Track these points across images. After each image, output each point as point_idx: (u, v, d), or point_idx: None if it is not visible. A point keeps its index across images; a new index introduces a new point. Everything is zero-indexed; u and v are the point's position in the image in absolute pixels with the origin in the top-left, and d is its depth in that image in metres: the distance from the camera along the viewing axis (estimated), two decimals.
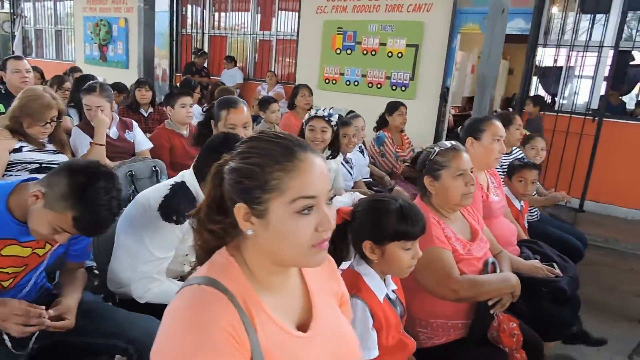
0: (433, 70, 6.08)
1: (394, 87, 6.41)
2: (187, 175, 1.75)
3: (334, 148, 2.69)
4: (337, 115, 2.63)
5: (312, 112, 2.64)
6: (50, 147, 2.51)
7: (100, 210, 1.30)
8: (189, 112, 3.25)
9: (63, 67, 9.30)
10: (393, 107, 3.94)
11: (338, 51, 6.78)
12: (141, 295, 1.63)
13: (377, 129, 4.07)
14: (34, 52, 10.79)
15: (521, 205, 2.55)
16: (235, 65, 7.69)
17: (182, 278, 1.82)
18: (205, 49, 8.17)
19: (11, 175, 2.38)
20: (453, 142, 1.73)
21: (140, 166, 2.71)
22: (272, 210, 0.82)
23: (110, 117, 2.87)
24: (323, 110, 2.62)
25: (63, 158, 2.54)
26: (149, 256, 1.65)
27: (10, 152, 2.37)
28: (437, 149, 1.69)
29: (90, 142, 2.69)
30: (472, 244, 1.70)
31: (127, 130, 2.96)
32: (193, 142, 2.25)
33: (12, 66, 3.25)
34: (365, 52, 6.57)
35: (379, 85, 6.51)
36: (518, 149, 3.19)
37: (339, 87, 6.80)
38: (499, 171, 2.55)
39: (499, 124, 2.16)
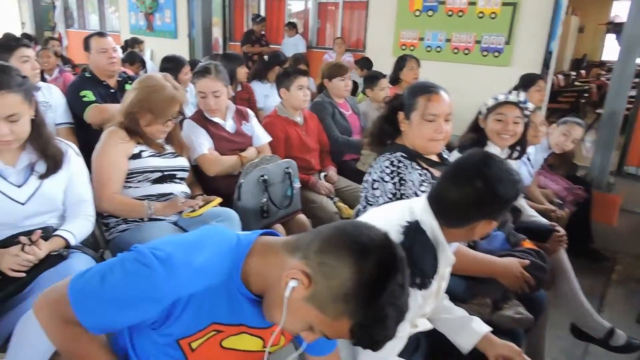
0: (534, 32, 5.30)
1: (484, 53, 5.67)
2: (418, 208, 1.22)
3: (522, 144, 2.09)
4: (531, 104, 2.03)
5: (500, 97, 2.03)
6: (169, 149, 2.03)
7: (391, 320, 0.80)
8: (306, 96, 2.71)
9: None
10: (529, 81, 3.29)
11: (417, 13, 6.03)
12: None
13: None
14: (76, 23, 10.33)
15: None
16: (297, 33, 7.04)
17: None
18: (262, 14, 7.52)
19: (130, 187, 1.92)
20: None
21: (273, 169, 2.22)
22: None
23: (225, 104, 2.35)
24: (517, 94, 2.01)
25: (183, 162, 2.07)
26: None
27: (128, 158, 1.90)
28: None
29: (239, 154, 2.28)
30: None
31: (243, 122, 2.44)
32: (372, 142, 1.71)
33: (96, 45, 2.74)
34: (450, 13, 5.81)
35: (466, 51, 5.78)
36: None
37: (417, 54, 6.00)
38: None
39: None
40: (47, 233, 1.59)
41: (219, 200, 1.98)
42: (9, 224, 1.54)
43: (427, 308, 1.28)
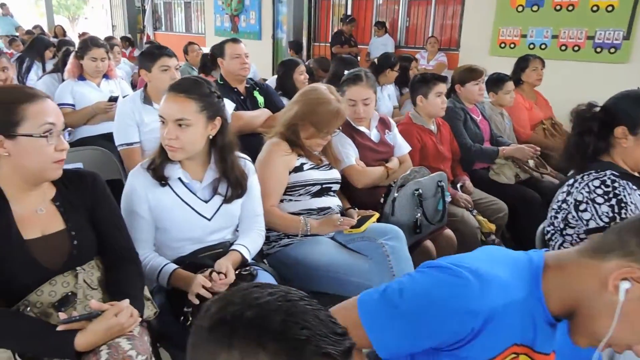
0: None
1: (598, 50, 5.24)
2: None
3: None
4: None
5: None
6: (325, 161, 1.97)
7: None
8: (444, 103, 2.57)
9: (192, 40, 9.11)
10: None
11: (520, 8, 5.69)
12: None
13: None
14: (164, 26, 10.78)
15: None
16: (386, 32, 6.89)
17: None
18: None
19: (291, 200, 1.88)
20: None
21: (426, 183, 2.10)
22: None
23: (373, 113, 2.27)
24: None
25: (337, 174, 2.01)
26: None
27: (290, 171, 1.86)
28: None
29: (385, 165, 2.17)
30: None
31: (386, 131, 2.35)
32: (573, 160, 1.54)
33: (230, 51, 2.76)
34: (558, 7, 5.42)
35: (576, 48, 5.38)
36: None
37: (518, 51, 5.69)
38: None
39: None
40: (225, 248, 1.58)
41: (377, 215, 1.90)
42: (194, 238, 1.53)
43: None
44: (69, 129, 3.07)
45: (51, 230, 1.19)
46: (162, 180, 1.46)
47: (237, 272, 1.45)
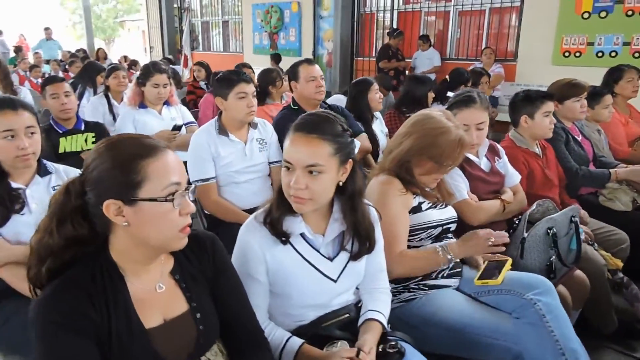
0: None
1: None
2: None
3: None
4: None
5: None
6: (440, 198, 1.70)
7: None
8: (551, 123, 2.26)
9: (230, 59, 9.04)
10: None
11: (586, 15, 5.33)
12: None
13: None
14: (201, 46, 10.80)
15: None
16: (431, 46, 6.62)
17: None
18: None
19: (409, 246, 1.60)
20: None
21: (560, 219, 1.80)
22: None
23: (484, 139, 1.99)
24: None
25: (452, 212, 1.73)
26: None
27: (408, 212, 1.59)
28: None
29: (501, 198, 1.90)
30: None
31: (496, 158, 2.06)
32: None
33: (305, 73, 2.54)
34: (630, 12, 5.04)
35: None
36: None
37: (584, 60, 5.36)
38: None
39: None
40: (350, 313, 1.32)
41: (510, 261, 1.60)
42: (319, 305, 1.28)
43: None
44: None
45: (174, 314, 0.95)
46: (283, 237, 1.21)
47: (381, 348, 1.18)
